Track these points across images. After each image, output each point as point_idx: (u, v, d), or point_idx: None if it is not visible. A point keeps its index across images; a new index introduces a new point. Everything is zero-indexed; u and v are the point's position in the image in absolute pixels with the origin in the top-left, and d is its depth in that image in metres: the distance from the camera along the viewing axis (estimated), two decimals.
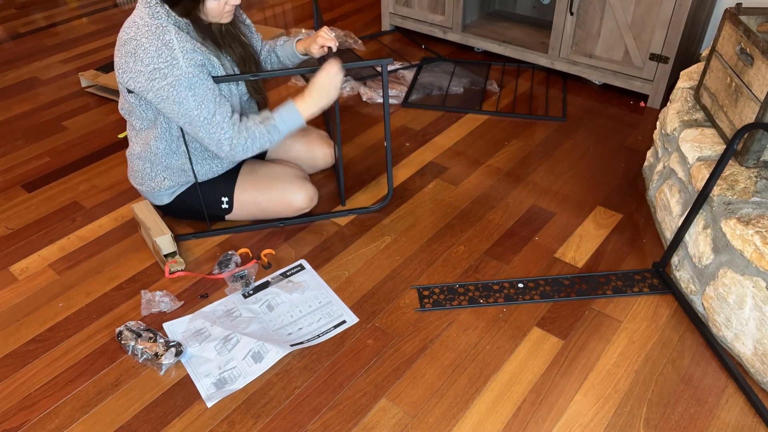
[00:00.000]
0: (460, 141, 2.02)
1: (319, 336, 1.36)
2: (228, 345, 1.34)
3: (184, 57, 1.30)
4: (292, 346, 1.33)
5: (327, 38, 1.52)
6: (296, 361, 1.31)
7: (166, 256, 1.52)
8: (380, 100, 2.24)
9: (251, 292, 1.47)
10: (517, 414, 1.20)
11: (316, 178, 1.85)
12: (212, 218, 1.65)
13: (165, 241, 1.50)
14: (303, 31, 2.75)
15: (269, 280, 1.51)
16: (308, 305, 1.44)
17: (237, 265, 1.53)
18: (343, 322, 1.40)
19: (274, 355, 1.31)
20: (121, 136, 2.08)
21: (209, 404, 1.23)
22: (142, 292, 1.44)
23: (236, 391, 1.25)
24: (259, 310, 1.43)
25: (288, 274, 1.53)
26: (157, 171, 1.55)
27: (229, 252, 1.56)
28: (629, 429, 1.16)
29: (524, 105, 2.21)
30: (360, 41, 2.63)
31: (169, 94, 1.32)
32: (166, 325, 1.39)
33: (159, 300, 1.42)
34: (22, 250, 1.63)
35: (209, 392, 1.25)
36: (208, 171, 1.56)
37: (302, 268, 1.55)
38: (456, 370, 1.28)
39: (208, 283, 1.50)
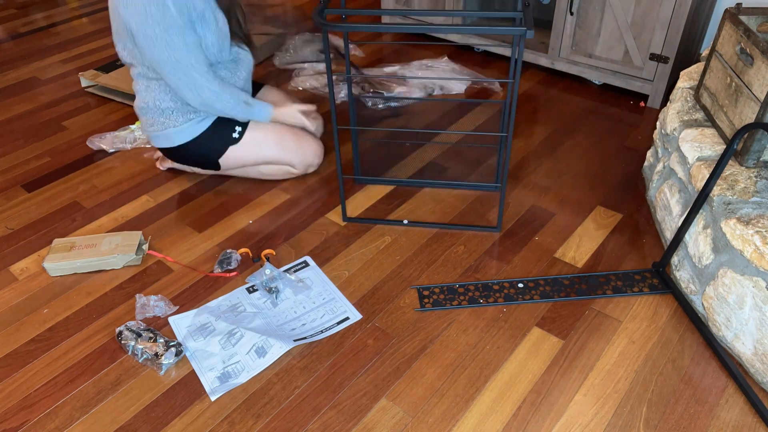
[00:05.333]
0: (460, 141, 2.02)
1: (322, 332, 1.37)
2: (232, 339, 1.35)
3: (174, 4, 1.44)
4: (295, 341, 1.34)
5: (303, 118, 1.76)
6: (296, 361, 1.31)
7: None
8: (379, 107, 2.24)
9: (255, 287, 1.48)
10: (517, 414, 1.20)
11: (309, 182, 1.86)
12: (211, 162, 1.75)
13: None
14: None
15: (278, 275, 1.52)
16: (312, 301, 1.45)
17: (238, 263, 1.54)
18: (347, 318, 1.40)
19: (277, 349, 1.32)
20: (135, 125, 2.07)
21: (213, 398, 1.24)
22: (137, 296, 1.44)
23: (237, 392, 1.25)
24: (263, 305, 1.44)
25: (293, 270, 1.54)
26: (167, 113, 1.65)
27: (228, 250, 1.56)
28: (629, 429, 1.16)
29: (524, 105, 2.21)
30: (358, 47, 2.63)
31: (161, 38, 1.46)
32: (171, 320, 1.40)
33: (153, 305, 1.42)
34: (22, 250, 1.63)
35: (213, 386, 1.26)
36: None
37: (307, 264, 1.55)
38: (456, 370, 1.28)
39: (208, 282, 1.50)
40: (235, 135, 1.70)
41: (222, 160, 1.73)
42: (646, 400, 1.21)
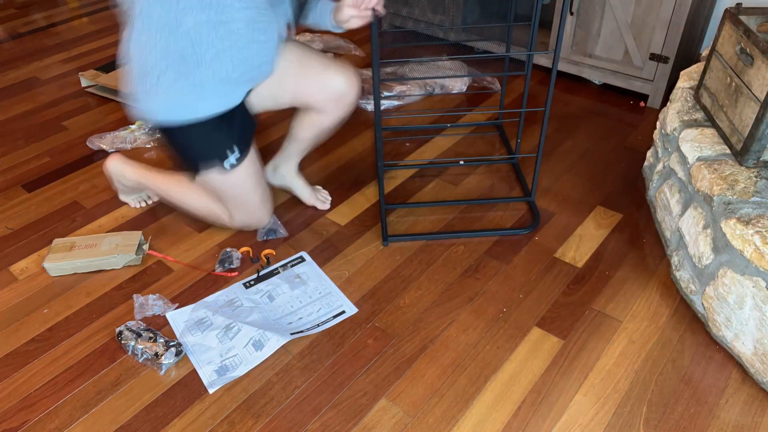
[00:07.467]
0: (460, 141, 2.02)
1: (318, 325, 1.38)
2: (229, 333, 1.35)
3: None
4: (292, 334, 1.35)
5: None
6: (296, 361, 1.31)
7: None
8: (369, 108, 2.24)
9: (252, 282, 1.49)
10: (517, 414, 1.20)
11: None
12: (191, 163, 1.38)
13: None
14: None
15: (279, 269, 1.54)
16: (308, 296, 1.46)
17: (239, 262, 1.54)
18: (343, 312, 1.41)
19: (274, 342, 1.33)
20: (135, 125, 2.07)
21: (211, 390, 1.24)
22: (135, 296, 1.44)
23: (237, 391, 1.25)
24: (260, 300, 1.45)
25: (289, 265, 1.54)
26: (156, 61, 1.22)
27: (228, 249, 1.56)
28: (629, 429, 1.16)
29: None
30: (359, 48, 2.63)
31: None
32: (168, 315, 1.40)
33: (152, 304, 1.42)
34: (22, 250, 1.63)
35: (211, 379, 1.27)
36: (218, 86, 1.26)
37: (303, 260, 1.56)
38: (456, 370, 1.28)
39: (208, 282, 1.50)
40: (227, 164, 1.37)
41: (201, 176, 1.41)
42: (646, 400, 1.22)
